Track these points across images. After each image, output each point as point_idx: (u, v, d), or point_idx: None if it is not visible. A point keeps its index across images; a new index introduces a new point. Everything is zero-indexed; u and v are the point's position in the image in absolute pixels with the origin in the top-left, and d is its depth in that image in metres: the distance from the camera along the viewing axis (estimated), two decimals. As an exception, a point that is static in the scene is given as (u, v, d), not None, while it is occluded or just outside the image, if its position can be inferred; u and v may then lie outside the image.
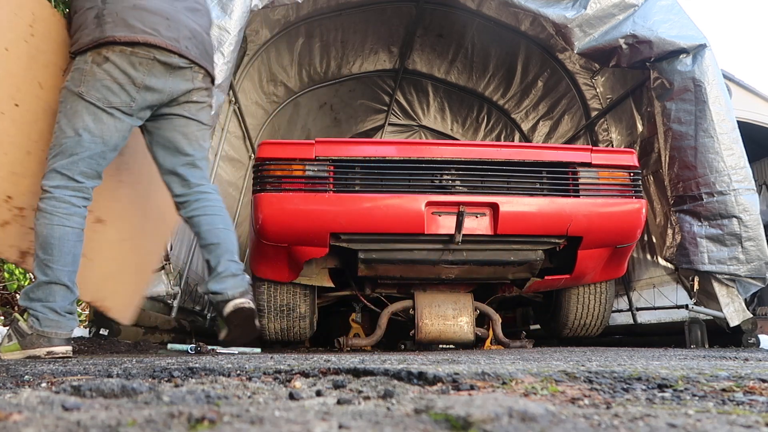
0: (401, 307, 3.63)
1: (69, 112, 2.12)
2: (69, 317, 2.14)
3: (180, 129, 2.31)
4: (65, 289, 2.11)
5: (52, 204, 2.10)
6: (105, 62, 2.10)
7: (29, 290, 2.12)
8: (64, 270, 2.10)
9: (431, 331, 3.50)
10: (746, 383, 1.06)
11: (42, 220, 2.09)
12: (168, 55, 2.16)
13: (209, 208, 2.36)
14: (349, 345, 3.63)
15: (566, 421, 0.67)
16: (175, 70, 2.20)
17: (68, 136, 2.11)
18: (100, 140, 2.14)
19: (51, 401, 0.75)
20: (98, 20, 2.10)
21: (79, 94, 2.10)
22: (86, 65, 2.12)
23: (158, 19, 2.16)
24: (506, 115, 6.63)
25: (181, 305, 4.43)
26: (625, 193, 3.30)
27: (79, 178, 2.13)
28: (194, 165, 2.36)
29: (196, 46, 2.29)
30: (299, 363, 1.56)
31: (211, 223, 2.34)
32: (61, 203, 2.11)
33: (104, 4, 2.12)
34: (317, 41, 5.67)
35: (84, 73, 2.10)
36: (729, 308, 3.69)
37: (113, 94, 2.12)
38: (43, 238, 2.08)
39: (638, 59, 3.93)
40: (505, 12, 5.09)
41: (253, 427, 0.61)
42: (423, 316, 3.51)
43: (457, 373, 1.15)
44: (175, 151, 2.33)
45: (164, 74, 2.18)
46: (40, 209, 2.11)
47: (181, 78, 2.24)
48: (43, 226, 2.09)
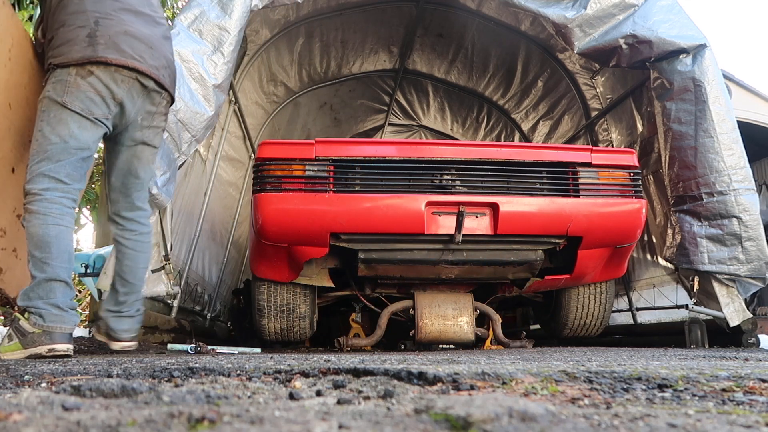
0: (401, 307, 3.63)
1: (53, 121, 2.20)
2: (71, 312, 2.19)
3: (137, 153, 2.49)
4: (64, 285, 2.16)
5: (44, 205, 2.15)
6: (89, 76, 2.22)
7: (28, 290, 2.14)
8: (62, 267, 2.15)
9: (431, 331, 3.50)
10: (746, 383, 1.06)
11: (35, 221, 2.14)
12: (148, 79, 2.36)
13: (140, 244, 2.54)
14: (349, 345, 3.63)
15: (566, 421, 0.67)
16: (149, 92, 2.39)
17: (53, 143, 2.18)
18: (85, 146, 2.26)
19: (51, 401, 0.75)
20: (90, 39, 2.22)
21: (62, 104, 2.19)
22: (70, 77, 2.21)
23: (144, 47, 2.34)
24: (506, 115, 6.63)
25: (181, 305, 4.43)
26: (625, 193, 3.30)
27: (67, 180, 2.21)
28: (142, 188, 2.56)
29: (170, 75, 2.51)
30: (299, 363, 1.56)
31: (135, 261, 2.52)
32: (52, 204, 2.17)
33: (97, 25, 2.24)
34: (317, 41, 5.67)
35: (68, 85, 2.20)
36: (729, 308, 3.69)
37: (95, 105, 2.24)
38: (38, 237, 2.12)
39: (638, 59, 3.93)
40: (505, 12, 5.09)
41: (253, 427, 0.61)
42: (423, 316, 3.51)
43: (457, 373, 1.15)
44: (129, 174, 2.49)
45: (140, 94, 2.36)
46: (31, 211, 2.15)
47: (150, 101, 2.43)
48: (37, 226, 2.14)
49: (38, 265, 2.12)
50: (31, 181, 2.18)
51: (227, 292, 6.16)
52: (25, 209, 2.17)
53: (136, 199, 2.53)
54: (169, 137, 3.33)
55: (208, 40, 3.52)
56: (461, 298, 3.62)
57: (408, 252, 3.24)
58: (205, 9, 3.52)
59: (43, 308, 2.11)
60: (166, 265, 3.62)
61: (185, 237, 4.53)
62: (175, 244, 4.12)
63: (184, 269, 4.50)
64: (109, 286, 2.52)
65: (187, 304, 4.71)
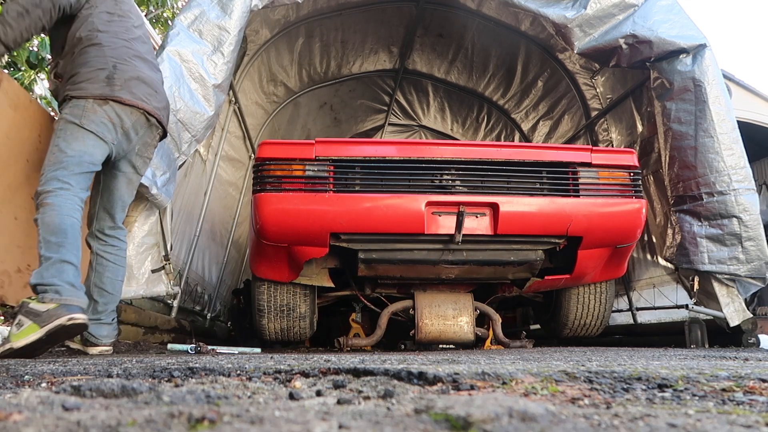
0: (401, 307, 3.63)
1: (69, 138, 2.46)
2: (82, 292, 2.33)
3: (129, 178, 2.80)
4: (75, 268, 2.30)
5: (58, 200, 2.34)
6: (105, 104, 2.54)
7: (42, 270, 2.25)
8: (73, 253, 2.31)
9: (431, 331, 3.50)
10: (746, 383, 1.06)
11: (50, 212, 2.31)
12: (151, 117, 2.73)
13: (120, 259, 2.80)
14: (349, 345, 3.63)
15: (566, 421, 0.67)
16: (150, 126, 2.74)
17: (69, 155, 2.43)
18: (95, 161, 2.53)
19: (51, 401, 0.75)
20: (108, 81, 2.55)
21: (80, 125, 2.47)
22: (87, 104, 2.51)
23: (151, 91, 2.70)
24: (506, 115, 6.63)
25: (181, 305, 4.43)
26: (625, 193, 3.30)
27: (76, 186, 2.42)
28: (124, 208, 2.85)
29: (167, 115, 2.89)
30: (299, 363, 1.56)
31: (115, 274, 2.77)
32: (66, 200, 2.36)
33: (115, 69, 2.59)
34: (317, 41, 5.67)
35: (85, 110, 2.49)
36: (729, 308, 3.69)
37: (107, 129, 2.54)
38: (54, 225, 2.30)
39: (638, 59, 3.93)
40: (505, 12, 5.09)
41: (253, 427, 0.61)
42: (423, 316, 3.51)
43: (457, 373, 1.15)
44: (118, 196, 2.78)
45: (142, 127, 2.70)
46: (46, 204, 2.33)
47: (149, 134, 2.77)
48: (52, 216, 2.31)
49: (52, 248, 2.26)
50: (45, 184, 2.37)
51: (227, 292, 6.16)
52: (40, 205, 2.34)
53: (119, 220, 2.82)
54: (170, 137, 3.33)
55: (208, 40, 3.52)
56: (461, 298, 3.62)
57: (408, 252, 3.23)
58: (205, 9, 3.52)
59: (59, 284, 2.22)
60: (166, 265, 3.62)
61: (185, 237, 4.53)
62: (175, 244, 4.12)
63: (184, 269, 4.51)
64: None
65: (187, 304, 4.71)
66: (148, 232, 3.41)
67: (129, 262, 3.27)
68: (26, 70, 3.13)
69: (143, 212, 3.38)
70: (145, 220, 3.39)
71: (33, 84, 3.19)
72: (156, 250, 3.53)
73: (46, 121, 2.94)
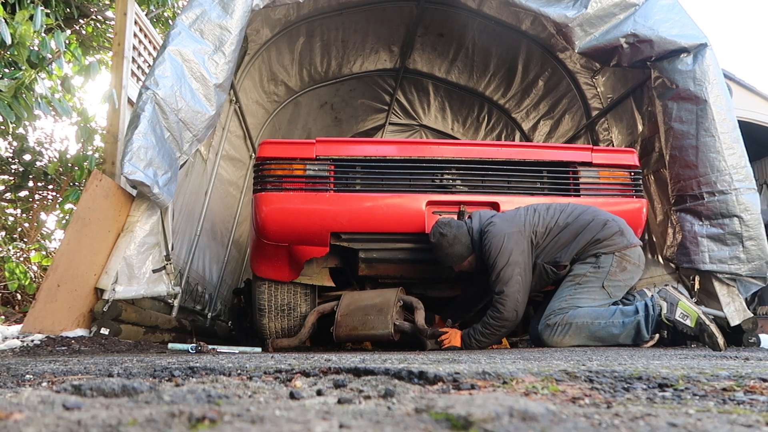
0: (329, 308, 3.37)
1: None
2: None
3: None
4: None
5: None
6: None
7: None
8: None
9: (348, 324, 3.15)
10: (747, 382, 1.06)
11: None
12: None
13: None
14: (274, 346, 3.34)
15: (567, 420, 0.67)
16: None
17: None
18: None
19: (52, 400, 0.75)
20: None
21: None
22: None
23: None
24: (507, 114, 6.62)
25: (182, 305, 4.43)
26: (625, 192, 3.30)
27: None
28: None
29: None
30: (300, 362, 1.56)
31: None
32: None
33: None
34: (318, 40, 5.67)
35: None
36: (729, 307, 3.69)
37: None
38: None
39: (639, 58, 3.93)
40: (505, 11, 5.08)
41: (254, 426, 0.61)
42: (341, 309, 3.21)
43: (457, 373, 1.15)
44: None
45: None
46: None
47: None
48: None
49: None
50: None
51: (228, 291, 6.16)
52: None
53: None
54: (171, 137, 3.33)
55: (209, 39, 3.52)
56: (387, 291, 3.28)
57: (409, 251, 3.23)
58: (206, 9, 3.52)
59: None
60: (167, 265, 3.62)
61: (186, 236, 4.53)
62: (176, 243, 4.12)
63: (185, 269, 4.51)
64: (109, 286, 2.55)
65: (187, 303, 4.71)
66: (149, 231, 3.41)
67: (130, 262, 3.27)
68: (27, 70, 3.10)
69: (145, 212, 3.38)
70: (146, 219, 3.39)
71: (34, 83, 3.16)
72: (157, 249, 3.53)
73: (127, 200, 3.42)
